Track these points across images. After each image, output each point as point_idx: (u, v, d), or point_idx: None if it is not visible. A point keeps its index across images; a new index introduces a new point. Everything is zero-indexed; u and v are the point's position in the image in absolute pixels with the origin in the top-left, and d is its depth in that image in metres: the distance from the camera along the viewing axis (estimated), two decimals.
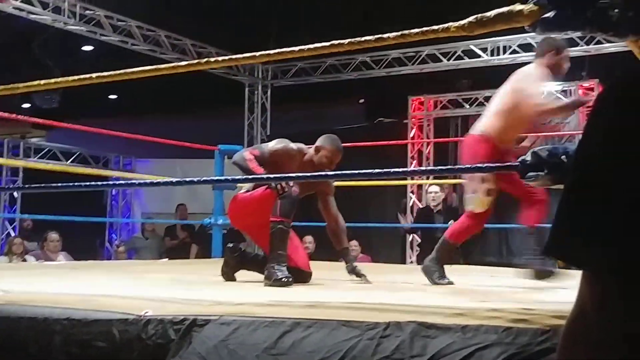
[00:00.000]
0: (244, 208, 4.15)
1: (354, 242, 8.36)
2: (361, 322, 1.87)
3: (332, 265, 5.33)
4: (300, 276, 3.95)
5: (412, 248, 9.77)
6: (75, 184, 3.51)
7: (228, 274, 4.10)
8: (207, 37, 9.96)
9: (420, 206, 9.07)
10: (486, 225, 8.23)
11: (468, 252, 7.62)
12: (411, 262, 9.51)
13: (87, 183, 3.64)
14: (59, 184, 3.52)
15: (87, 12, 8.59)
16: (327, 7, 8.98)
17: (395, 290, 3.58)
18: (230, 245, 4.25)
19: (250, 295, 2.98)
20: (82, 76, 3.06)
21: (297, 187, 3.90)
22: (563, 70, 3.97)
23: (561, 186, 1.74)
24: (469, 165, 2.56)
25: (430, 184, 7.92)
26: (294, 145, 4.20)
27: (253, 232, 4.38)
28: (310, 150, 4.22)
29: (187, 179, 3.03)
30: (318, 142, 4.22)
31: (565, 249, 0.69)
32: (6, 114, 6.19)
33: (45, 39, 9.99)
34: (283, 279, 3.68)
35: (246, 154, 4.08)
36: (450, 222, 7.61)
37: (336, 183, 4.60)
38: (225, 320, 2.07)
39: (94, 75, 3.00)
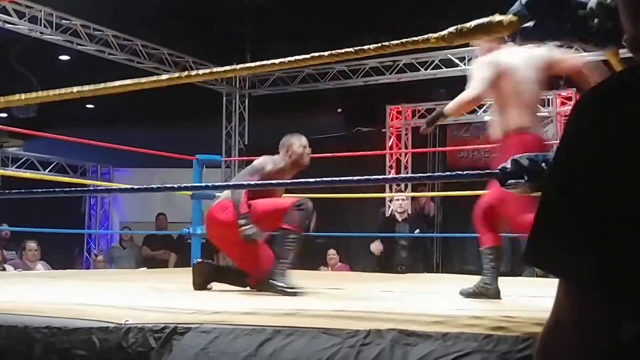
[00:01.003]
0: (216, 226, 4.16)
1: (332, 251, 8.35)
2: (342, 330, 1.87)
3: (311, 274, 5.32)
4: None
5: None
6: (57, 189, 3.48)
7: (199, 287, 4.10)
8: (184, 47, 9.93)
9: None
10: (466, 235, 8.27)
11: (448, 260, 7.66)
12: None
13: (68, 189, 3.61)
14: (37, 190, 3.49)
15: (64, 21, 8.54)
16: (303, 14, 9.00)
17: (375, 299, 3.58)
18: (198, 261, 4.27)
19: (230, 304, 2.97)
20: (62, 90, 3.03)
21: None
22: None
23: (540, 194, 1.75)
24: (449, 173, 2.57)
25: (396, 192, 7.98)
26: (276, 159, 4.22)
27: (224, 248, 4.40)
28: (281, 155, 4.24)
29: (167, 185, 3.02)
30: (283, 145, 4.25)
31: (543, 257, 0.69)
32: None
33: (22, 48, 9.91)
34: (288, 290, 3.68)
35: (242, 197, 4.02)
36: (416, 231, 7.66)
37: (316, 194, 4.61)
38: (205, 328, 2.06)
39: (74, 89, 2.97)
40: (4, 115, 12.11)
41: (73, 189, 4.10)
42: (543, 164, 1.70)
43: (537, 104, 3.95)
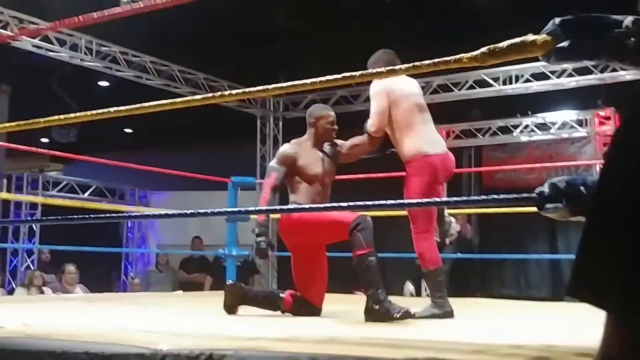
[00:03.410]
0: (305, 227, 3.94)
1: None
2: (377, 358, 1.82)
3: (345, 298, 5.27)
4: (310, 310, 3.91)
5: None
6: (94, 215, 3.51)
7: (230, 310, 4.06)
8: (219, 71, 10.04)
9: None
10: (503, 256, 8.16)
11: (485, 284, 7.55)
12: (427, 294, 9.41)
13: (105, 215, 3.64)
14: (76, 216, 3.52)
15: (103, 48, 8.70)
16: (336, 36, 9.02)
17: (410, 324, 3.52)
18: (231, 282, 4.23)
19: (265, 329, 2.94)
20: (99, 110, 3.08)
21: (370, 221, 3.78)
22: None
23: (580, 218, 1.70)
24: (484, 197, 2.53)
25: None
26: (291, 143, 4.19)
27: (297, 254, 4.13)
28: (308, 134, 4.20)
29: (201, 211, 3.01)
30: (309, 117, 4.20)
31: (589, 291, 0.65)
32: (25, 148, 6.24)
33: (63, 75, 10.12)
34: (397, 314, 3.51)
35: (262, 194, 4.06)
36: (457, 254, 7.56)
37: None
38: (241, 354, 2.04)
39: (111, 109, 3.01)
40: (46, 140, 12.36)
41: (109, 214, 4.13)
42: (582, 187, 1.65)
43: (430, 124, 4.14)
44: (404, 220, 4.12)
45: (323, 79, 2.36)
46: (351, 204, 3.45)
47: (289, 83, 2.48)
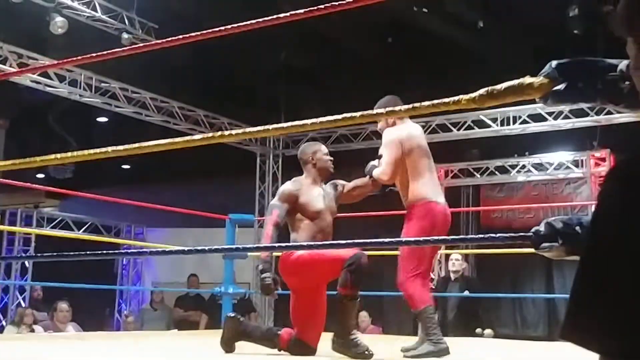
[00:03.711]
0: (303, 267, 3.95)
1: (364, 313, 8.24)
2: None
3: None
4: (305, 350, 3.91)
5: None
6: (88, 252, 3.51)
7: (227, 345, 4.03)
8: (219, 108, 10.10)
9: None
10: (499, 295, 8.13)
11: (483, 324, 7.51)
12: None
13: (99, 252, 3.64)
14: (71, 252, 3.53)
15: (103, 84, 8.76)
16: (337, 76, 9.12)
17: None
18: (231, 315, 4.20)
19: None
20: (97, 150, 3.08)
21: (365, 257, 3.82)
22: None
23: (575, 258, 1.73)
24: (481, 235, 2.55)
25: (451, 253, 7.85)
26: (293, 181, 4.23)
27: (297, 294, 4.12)
28: (306, 172, 4.23)
29: (198, 248, 3.01)
30: (303, 155, 4.23)
31: (582, 334, 0.66)
32: (20, 183, 6.25)
33: (61, 110, 10.17)
34: (365, 352, 3.68)
35: (264, 231, 4.05)
36: (465, 292, 7.55)
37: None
38: None
39: (109, 148, 3.02)
40: (42, 175, 12.37)
41: (104, 252, 4.14)
42: (577, 227, 1.68)
43: (435, 173, 4.32)
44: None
45: (324, 119, 2.39)
46: (349, 241, 3.46)
47: (290, 124, 2.51)
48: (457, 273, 7.54)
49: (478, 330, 7.30)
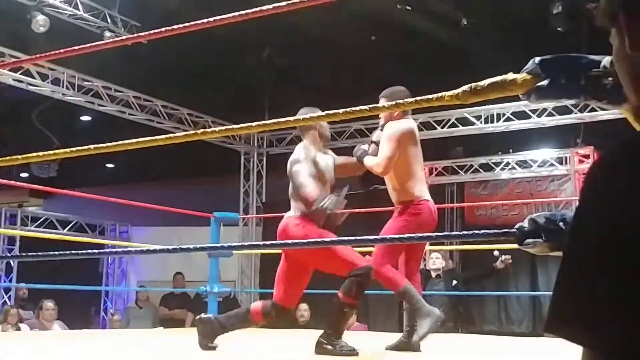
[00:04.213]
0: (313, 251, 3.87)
1: None
2: None
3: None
4: (283, 314, 3.94)
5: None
6: (71, 252, 3.49)
7: (208, 345, 3.97)
8: (203, 107, 10.06)
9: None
10: (485, 293, 8.15)
11: (467, 320, 7.53)
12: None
13: (83, 251, 3.62)
14: (55, 252, 3.50)
15: (86, 83, 8.69)
16: (320, 72, 9.11)
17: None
18: (201, 317, 4.11)
19: None
20: (80, 147, 3.06)
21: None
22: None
23: (559, 253, 1.73)
24: (466, 232, 2.55)
25: (431, 251, 7.84)
26: (306, 147, 4.07)
27: (312, 263, 4.01)
28: (308, 138, 4.12)
29: (183, 247, 2.98)
30: (301, 123, 4.02)
31: (566, 326, 0.65)
32: (4, 181, 6.20)
33: (44, 109, 10.09)
34: (349, 352, 3.68)
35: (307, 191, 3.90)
36: (454, 283, 7.57)
37: None
38: None
39: (92, 146, 3.00)
40: (25, 174, 12.28)
41: (89, 251, 4.11)
42: (560, 223, 1.68)
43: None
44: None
45: (306, 116, 2.38)
46: (348, 238, 3.46)
47: (273, 120, 2.50)
48: (438, 271, 7.55)
49: (496, 252, 7.23)
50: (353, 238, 3.73)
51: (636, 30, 0.73)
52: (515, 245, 1.81)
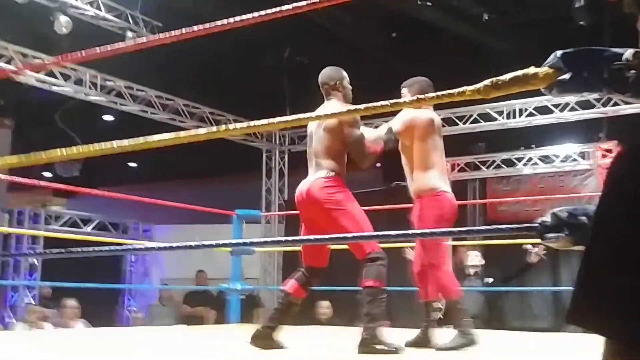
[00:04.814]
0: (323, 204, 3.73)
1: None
2: None
3: (350, 331, 5.23)
4: (317, 276, 3.88)
5: None
6: (95, 249, 3.52)
7: (275, 346, 3.78)
8: (224, 105, 10.09)
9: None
10: (507, 289, 8.09)
11: (488, 316, 7.49)
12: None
13: (106, 247, 3.65)
14: (79, 249, 3.53)
15: (108, 82, 8.76)
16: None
17: (420, 356, 3.50)
18: (255, 334, 3.80)
19: None
20: (102, 145, 3.08)
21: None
22: None
23: (581, 248, 1.72)
24: (487, 227, 2.55)
25: (461, 246, 7.80)
26: (338, 103, 3.88)
27: (332, 227, 3.75)
28: (335, 99, 3.95)
29: (205, 243, 3.00)
30: (330, 81, 4.00)
31: (589, 317, 0.65)
32: (28, 181, 6.26)
33: (67, 109, 10.19)
34: (391, 349, 3.53)
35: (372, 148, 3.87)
36: (491, 280, 7.54)
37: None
38: None
39: (115, 143, 3.02)
40: (49, 174, 12.40)
41: (112, 247, 4.14)
42: (583, 217, 1.67)
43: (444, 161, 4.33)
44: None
45: (328, 112, 2.39)
46: (371, 233, 3.46)
47: (294, 116, 2.51)
48: (476, 268, 7.50)
49: (527, 246, 7.18)
50: (374, 233, 3.72)
51: None
52: (539, 241, 1.81)
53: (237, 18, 2.62)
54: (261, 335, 3.76)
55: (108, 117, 11.08)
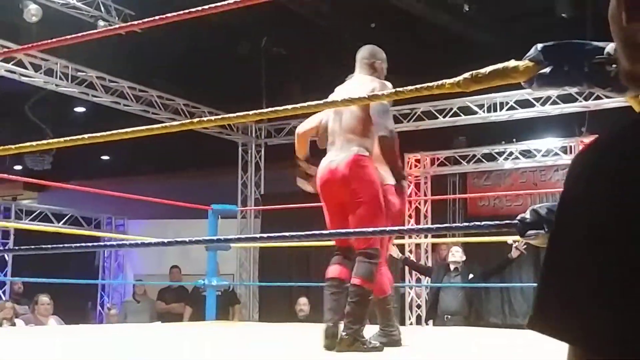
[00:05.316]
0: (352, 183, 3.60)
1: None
2: None
3: None
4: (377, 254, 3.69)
5: (411, 309, 9.67)
6: (67, 245, 3.49)
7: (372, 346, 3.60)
8: (199, 97, 10.04)
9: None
10: (488, 285, 8.14)
11: (468, 313, 7.53)
12: (410, 323, 9.39)
13: (78, 244, 3.61)
14: (50, 246, 3.49)
15: (80, 73, 8.66)
16: (318, 61, 9.08)
17: (400, 355, 3.51)
18: (326, 330, 3.56)
19: None
20: (74, 137, 3.05)
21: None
22: None
23: None
24: (467, 224, 2.55)
25: (451, 244, 7.83)
26: (378, 84, 3.72)
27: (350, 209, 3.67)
28: (373, 74, 3.87)
29: (180, 240, 2.95)
30: (374, 58, 3.91)
31: (550, 323, 0.64)
32: None
33: (38, 100, 10.08)
34: (376, 346, 3.52)
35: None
36: (470, 276, 7.57)
37: (329, 242, 4.43)
38: None
39: (86, 135, 2.99)
40: (19, 167, 12.28)
41: (85, 244, 4.10)
42: None
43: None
44: None
45: (304, 104, 2.37)
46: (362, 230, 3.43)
47: (270, 109, 2.49)
48: (457, 264, 7.51)
49: (509, 241, 7.19)
50: (351, 230, 3.71)
51: (633, 4, 0.72)
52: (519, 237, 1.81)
53: (212, 5, 2.59)
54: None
55: (80, 109, 10.97)
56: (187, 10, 2.63)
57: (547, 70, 1.64)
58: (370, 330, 3.75)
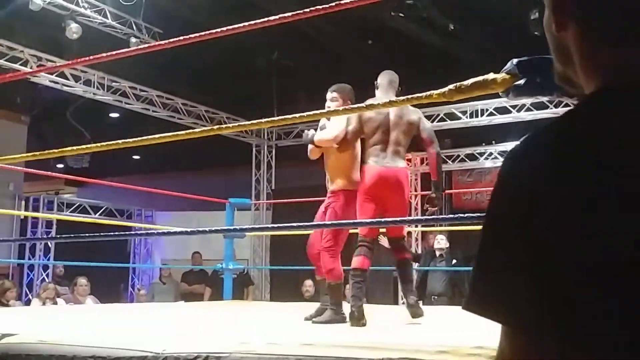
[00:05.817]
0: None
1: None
2: (356, 358, 1.83)
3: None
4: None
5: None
6: (102, 234, 3.50)
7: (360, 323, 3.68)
8: (219, 104, 10.05)
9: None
10: (470, 269, 8.10)
11: (454, 294, 7.53)
12: (402, 303, 9.39)
13: (113, 233, 3.64)
14: (87, 234, 3.52)
15: (114, 83, 8.68)
16: (321, 71, 9.07)
17: (388, 330, 3.51)
18: (351, 313, 3.67)
19: (256, 334, 2.94)
20: (109, 142, 3.07)
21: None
22: None
23: None
24: (452, 215, 2.55)
25: (432, 231, 7.82)
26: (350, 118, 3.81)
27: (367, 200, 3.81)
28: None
29: (200, 229, 2.96)
30: (394, 83, 4.09)
31: (482, 304, 0.61)
32: (42, 172, 6.22)
33: (77, 107, 10.12)
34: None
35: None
36: (454, 262, 7.55)
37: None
38: (234, 357, 2.04)
39: (119, 141, 3.01)
40: (61, 165, 12.31)
41: (118, 232, 4.13)
42: None
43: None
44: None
45: (310, 113, 2.39)
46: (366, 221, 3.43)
47: (280, 117, 2.50)
48: (442, 250, 7.51)
49: None
50: (349, 222, 3.72)
51: (559, 17, 0.73)
52: None
53: (230, 27, 2.60)
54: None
55: (114, 114, 11.00)
56: (208, 32, 2.64)
57: (521, 81, 1.65)
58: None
